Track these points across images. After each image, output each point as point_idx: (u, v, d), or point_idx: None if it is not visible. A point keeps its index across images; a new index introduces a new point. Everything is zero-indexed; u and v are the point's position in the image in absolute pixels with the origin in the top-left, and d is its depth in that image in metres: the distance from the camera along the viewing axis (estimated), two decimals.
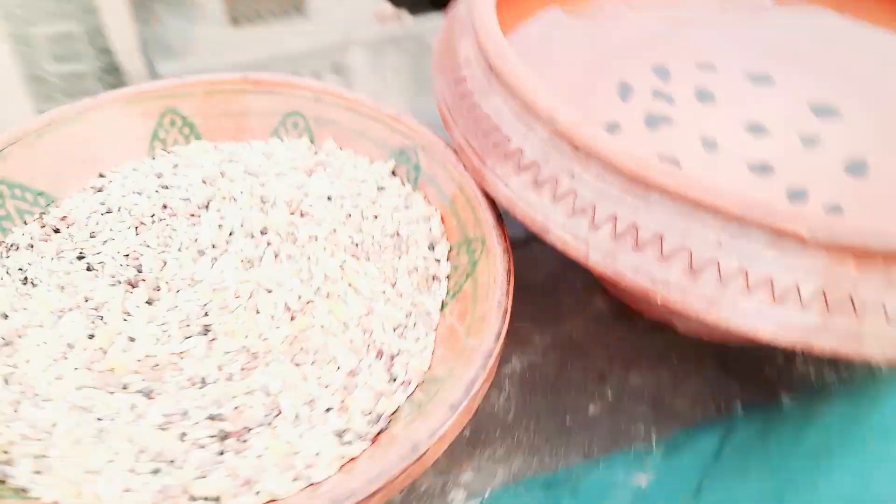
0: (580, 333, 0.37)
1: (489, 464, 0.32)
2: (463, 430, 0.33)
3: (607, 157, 0.26)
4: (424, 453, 0.25)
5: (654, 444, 0.33)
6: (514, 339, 0.37)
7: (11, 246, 0.35)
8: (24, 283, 0.33)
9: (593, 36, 0.42)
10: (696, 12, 0.45)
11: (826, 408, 0.37)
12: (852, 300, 0.24)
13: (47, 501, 0.26)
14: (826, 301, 0.24)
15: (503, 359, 0.36)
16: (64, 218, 0.36)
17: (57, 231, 0.35)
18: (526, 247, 0.40)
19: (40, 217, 0.36)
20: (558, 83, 0.39)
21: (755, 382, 0.35)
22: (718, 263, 0.25)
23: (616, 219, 0.26)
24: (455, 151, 0.37)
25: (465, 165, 0.33)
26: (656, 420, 0.33)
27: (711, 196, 0.24)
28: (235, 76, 0.40)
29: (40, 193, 0.37)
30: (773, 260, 0.24)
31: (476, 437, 0.33)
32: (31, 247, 0.34)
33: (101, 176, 0.38)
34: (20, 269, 0.33)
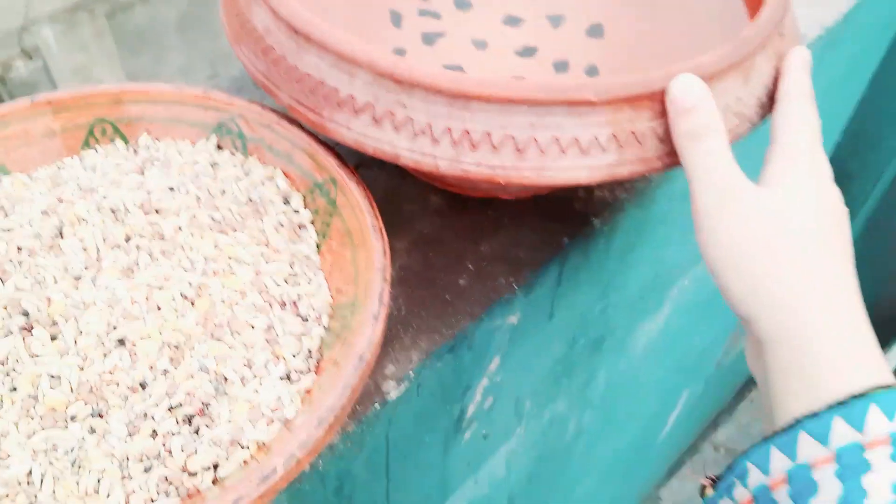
0: (429, 228, 0.43)
1: (403, 353, 0.38)
2: None
3: (429, 84, 0.31)
4: (369, 359, 0.31)
5: (516, 290, 0.41)
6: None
7: None
8: None
9: None
10: None
11: (623, 217, 0.47)
12: (634, 134, 0.33)
13: None
14: (618, 141, 0.33)
15: None
16: None
17: None
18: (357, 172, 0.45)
19: None
20: (341, 24, 0.43)
21: (571, 218, 0.44)
22: (536, 140, 0.32)
23: (451, 130, 0.32)
24: (274, 110, 0.40)
25: (289, 118, 0.37)
26: (512, 272, 0.41)
27: (518, 92, 0.31)
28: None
29: None
30: (575, 124, 0.32)
31: (385, 338, 0.38)
32: None
33: None
34: None
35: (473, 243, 0.43)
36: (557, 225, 0.44)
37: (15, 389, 0.31)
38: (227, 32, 0.38)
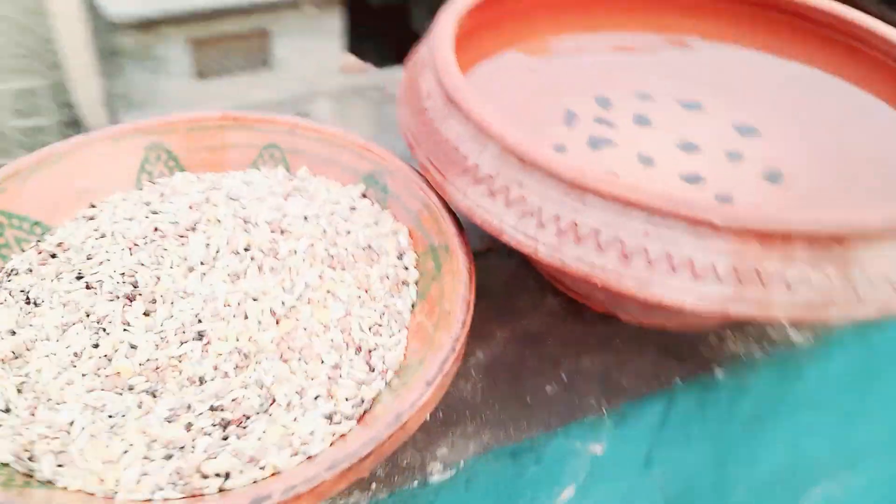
0: (536, 327, 0.41)
1: (461, 440, 0.36)
2: (437, 412, 0.37)
3: (549, 168, 0.31)
4: (406, 422, 0.29)
5: (605, 414, 0.37)
6: (479, 335, 0.41)
7: (11, 271, 0.37)
8: (28, 303, 0.36)
9: (544, 73, 0.48)
10: (636, 53, 0.50)
11: (756, 380, 0.42)
12: (759, 273, 0.29)
13: (73, 490, 0.29)
14: (738, 276, 0.29)
15: (469, 352, 0.40)
16: (60, 244, 0.39)
17: (54, 256, 0.38)
18: (485, 256, 0.45)
19: (37, 244, 0.39)
20: (511, 113, 0.44)
21: (692, 360, 0.40)
22: (647, 250, 0.30)
23: (559, 218, 0.31)
24: (419, 172, 0.41)
25: (429, 182, 0.38)
26: (605, 394, 0.38)
27: (641, 195, 0.29)
28: (216, 114, 0.44)
29: (36, 223, 0.40)
30: (693, 245, 0.29)
31: (449, 418, 0.36)
32: (31, 271, 0.37)
33: (93, 206, 0.41)
34: (22, 291, 0.36)
35: (576, 354, 0.40)
36: (674, 363, 0.40)
37: (97, 346, 0.33)
38: (398, 95, 0.41)
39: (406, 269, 0.39)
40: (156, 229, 0.38)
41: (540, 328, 0.41)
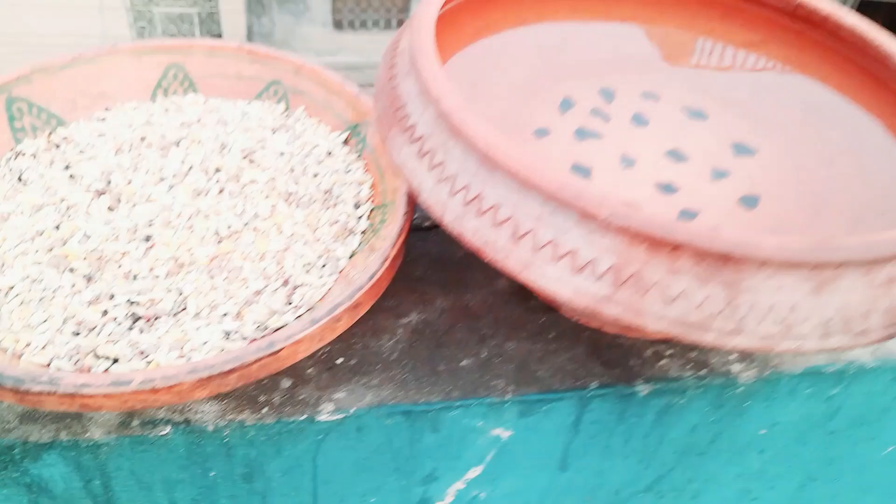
0: (478, 303, 0.42)
1: (362, 388, 0.37)
2: (349, 359, 0.38)
3: (469, 137, 0.31)
4: (279, 350, 0.31)
5: (508, 398, 0.38)
6: (419, 298, 0.42)
7: (20, 153, 0.42)
8: (19, 181, 0.40)
9: (559, 51, 0.47)
10: (658, 51, 0.49)
11: (688, 408, 0.41)
12: (638, 279, 0.29)
13: None
14: (617, 276, 0.29)
15: (404, 312, 0.41)
16: (66, 138, 0.43)
17: (58, 146, 0.43)
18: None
19: (49, 135, 0.44)
20: (501, 89, 0.44)
21: (617, 368, 0.39)
22: (536, 234, 0.30)
23: (468, 188, 0.31)
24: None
25: (379, 134, 0.39)
26: (516, 381, 0.38)
27: (536, 175, 0.29)
28: (234, 44, 0.47)
29: (53, 116, 0.44)
30: (579, 237, 0.29)
31: (359, 366, 0.38)
32: (34, 156, 0.42)
33: (107, 109, 0.46)
34: (19, 170, 0.41)
35: (504, 336, 0.40)
36: (599, 366, 0.39)
37: (58, 228, 0.37)
38: (383, 53, 0.42)
39: (358, 219, 0.41)
40: (143, 138, 0.42)
41: (480, 305, 0.42)
